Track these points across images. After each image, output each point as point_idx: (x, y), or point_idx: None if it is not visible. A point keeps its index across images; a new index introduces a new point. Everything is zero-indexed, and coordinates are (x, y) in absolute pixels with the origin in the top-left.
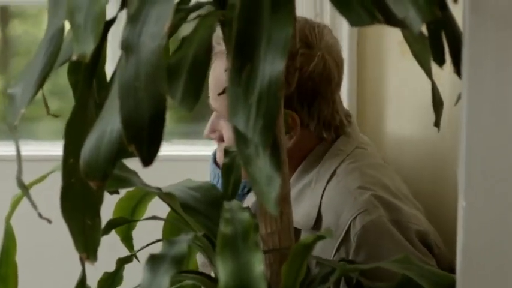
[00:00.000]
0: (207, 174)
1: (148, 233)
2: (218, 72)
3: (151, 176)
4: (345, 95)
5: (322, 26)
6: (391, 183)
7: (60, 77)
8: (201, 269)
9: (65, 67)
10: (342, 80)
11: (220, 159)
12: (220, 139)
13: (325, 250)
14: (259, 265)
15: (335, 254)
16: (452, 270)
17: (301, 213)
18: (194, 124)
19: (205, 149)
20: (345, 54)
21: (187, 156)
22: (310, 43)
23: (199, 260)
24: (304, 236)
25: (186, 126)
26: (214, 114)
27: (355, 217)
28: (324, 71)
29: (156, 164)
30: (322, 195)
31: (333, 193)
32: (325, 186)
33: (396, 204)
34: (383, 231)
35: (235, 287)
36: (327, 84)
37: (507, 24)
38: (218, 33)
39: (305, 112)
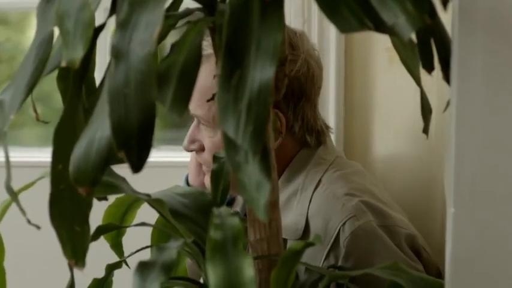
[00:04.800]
0: None
1: (137, 239)
2: (203, 77)
3: (139, 182)
4: (333, 101)
5: (300, 32)
6: (376, 190)
7: (44, 83)
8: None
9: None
10: (321, 85)
11: (192, 178)
12: (201, 149)
13: (314, 257)
14: (249, 269)
15: (324, 261)
16: (439, 274)
17: (289, 223)
18: (181, 130)
19: None
20: (332, 60)
21: (175, 163)
22: (294, 44)
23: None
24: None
25: (172, 132)
26: (193, 124)
27: (344, 223)
28: (308, 72)
29: (144, 170)
30: (309, 204)
31: (320, 201)
32: (312, 196)
33: (384, 209)
34: (372, 236)
35: None
36: (311, 85)
37: (496, 31)
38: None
39: (291, 112)
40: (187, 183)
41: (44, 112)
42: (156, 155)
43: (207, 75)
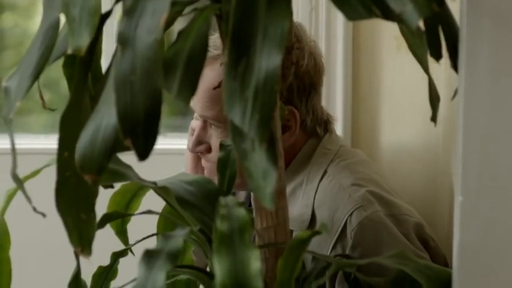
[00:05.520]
0: None
1: (143, 226)
2: (211, 79)
3: (145, 169)
4: (340, 89)
5: (299, 23)
6: (381, 179)
7: (51, 70)
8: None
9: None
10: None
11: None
12: (207, 150)
13: (321, 248)
14: (255, 262)
15: (331, 251)
16: (446, 264)
17: (295, 214)
18: (188, 117)
19: None
20: (340, 48)
21: (182, 150)
22: (299, 36)
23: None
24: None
25: (179, 119)
26: (199, 126)
27: (351, 214)
28: (315, 64)
29: (151, 158)
30: (315, 195)
31: (326, 192)
32: (318, 186)
33: (390, 198)
34: (379, 226)
35: (232, 285)
36: (319, 78)
37: (504, 19)
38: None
39: (303, 107)
40: None
41: (52, 99)
42: (163, 142)
43: (215, 77)
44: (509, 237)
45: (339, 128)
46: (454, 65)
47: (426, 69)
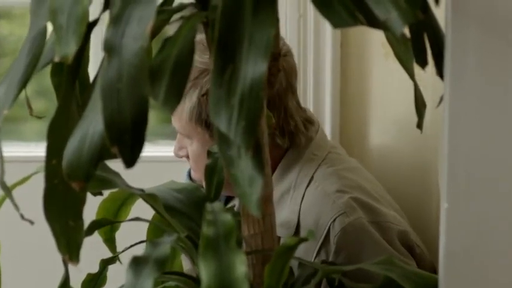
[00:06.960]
0: None
1: (133, 234)
2: None
3: (134, 177)
4: (328, 96)
5: None
6: (368, 186)
7: (47, 78)
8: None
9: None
10: (293, 85)
11: (194, 175)
12: (188, 156)
13: (306, 254)
14: (241, 266)
15: (316, 257)
16: (434, 270)
17: (282, 220)
18: None
19: None
20: (328, 55)
21: (172, 157)
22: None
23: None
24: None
25: (171, 126)
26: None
27: (334, 220)
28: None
29: (139, 165)
30: (302, 201)
31: (311, 198)
32: (304, 192)
33: (375, 206)
34: (362, 232)
35: None
36: (269, 93)
37: (489, 26)
38: None
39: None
40: (190, 178)
41: (47, 107)
42: (153, 150)
43: None
44: (495, 244)
45: (327, 134)
46: (440, 72)
47: (412, 76)
